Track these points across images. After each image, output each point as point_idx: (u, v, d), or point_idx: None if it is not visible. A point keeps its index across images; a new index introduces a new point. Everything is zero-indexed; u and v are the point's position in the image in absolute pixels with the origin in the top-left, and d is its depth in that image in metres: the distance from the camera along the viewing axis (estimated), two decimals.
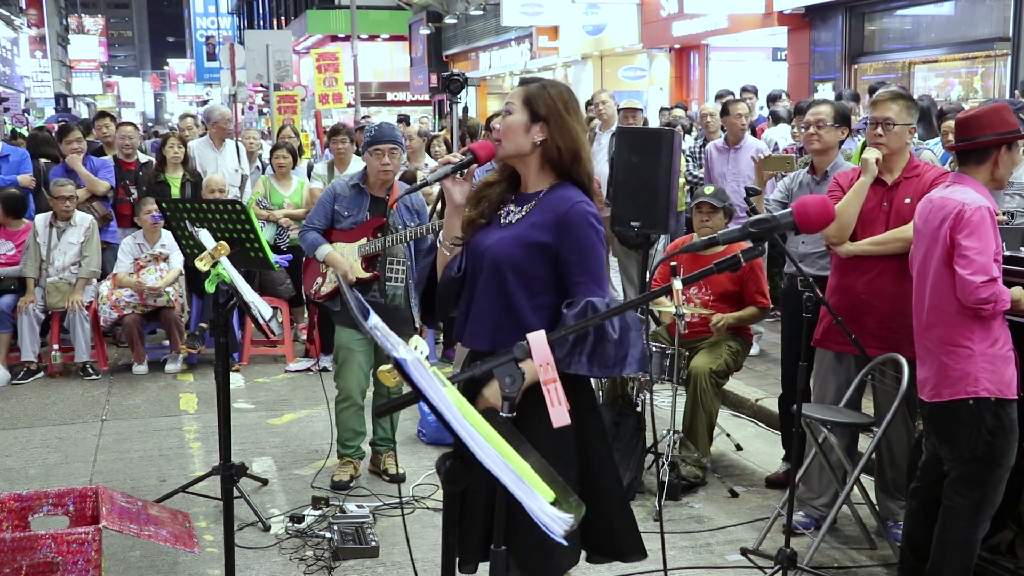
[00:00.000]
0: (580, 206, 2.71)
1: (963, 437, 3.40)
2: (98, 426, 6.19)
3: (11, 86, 35.53)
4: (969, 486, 3.42)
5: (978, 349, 3.34)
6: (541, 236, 2.71)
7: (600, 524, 2.75)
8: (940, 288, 3.40)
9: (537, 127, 2.73)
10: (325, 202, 5.03)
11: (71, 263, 7.42)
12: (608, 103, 8.66)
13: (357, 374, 4.96)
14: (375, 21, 32.18)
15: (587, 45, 21.94)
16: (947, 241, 3.34)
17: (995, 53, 11.93)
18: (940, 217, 3.39)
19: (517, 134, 2.76)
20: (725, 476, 5.17)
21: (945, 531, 3.47)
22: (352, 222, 4.97)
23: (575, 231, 2.69)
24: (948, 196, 3.42)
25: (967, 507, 3.42)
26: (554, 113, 2.73)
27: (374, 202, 4.98)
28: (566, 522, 1.56)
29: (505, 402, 1.90)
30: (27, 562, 3.34)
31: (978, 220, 3.28)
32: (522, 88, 2.80)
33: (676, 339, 4.87)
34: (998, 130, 3.39)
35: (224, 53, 19.06)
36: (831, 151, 4.64)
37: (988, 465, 3.39)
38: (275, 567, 4.16)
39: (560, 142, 2.73)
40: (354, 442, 5.09)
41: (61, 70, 53.50)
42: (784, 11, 14.90)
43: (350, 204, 4.97)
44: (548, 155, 2.75)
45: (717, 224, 5.34)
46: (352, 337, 4.94)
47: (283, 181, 7.91)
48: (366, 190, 4.98)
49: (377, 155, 4.83)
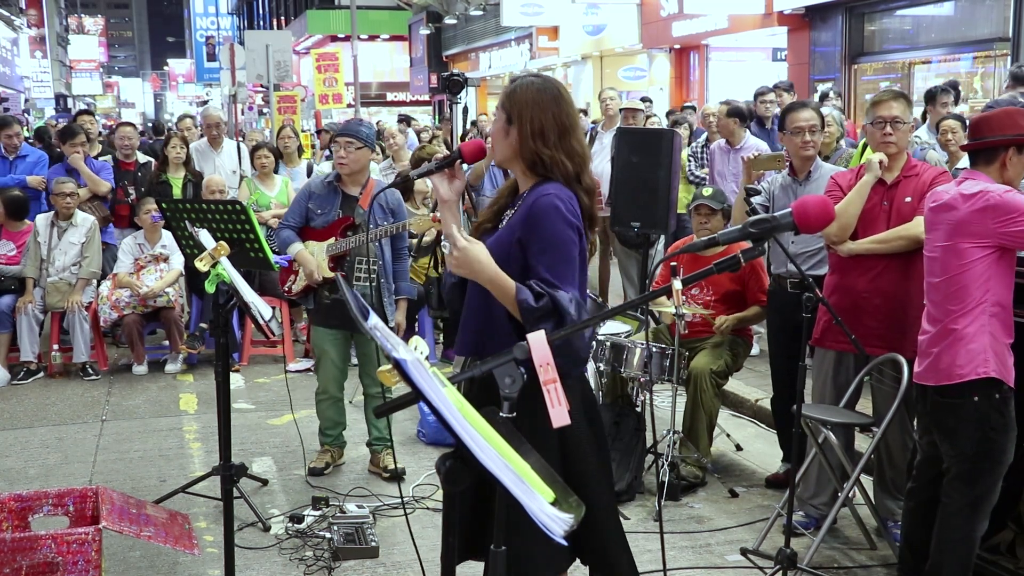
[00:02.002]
0: (549, 198, 2.61)
1: (965, 433, 3.40)
2: (98, 426, 6.19)
3: (11, 86, 35.53)
4: (968, 483, 3.43)
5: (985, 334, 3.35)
6: (514, 233, 2.65)
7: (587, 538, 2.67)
8: (951, 277, 3.39)
9: (514, 129, 2.67)
10: (300, 200, 5.12)
11: (71, 263, 7.42)
12: (616, 100, 8.63)
13: (332, 370, 5.11)
14: (375, 21, 32.18)
15: (587, 45, 21.94)
16: (983, 231, 3.32)
17: (995, 53, 11.93)
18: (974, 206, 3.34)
19: (499, 139, 2.72)
20: (725, 476, 5.17)
21: (944, 530, 3.47)
22: (324, 220, 5.03)
23: (540, 221, 2.60)
24: (963, 191, 3.41)
25: (966, 505, 3.43)
26: (525, 112, 2.65)
27: (346, 200, 5.02)
28: (566, 522, 1.56)
29: (505, 402, 1.90)
30: (27, 562, 3.34)
31: (1008, 197, 3.29)
32: (504, 90, 2.77)
33: (676, 339, 4.86)
34: (1007, 132, 3.42)
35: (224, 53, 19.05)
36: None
37: (988, 461, 3.40)
38: (275, 567, 4.16)
39: (530, 142, 2.65)
40: (333, 431, 5.25)
41: (61, 70, 53.50)
42: (784, 11, 14.90)
43: (323, 202, 5.03)
44: (524, 155, 2.68)
45: (716, 226, 5.34)
46: (324, 336, 5.08)
47: (267, 182, 7.92)
48: (339, 188, 5.03)
49: (335, 147, 5.02)
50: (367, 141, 4.94)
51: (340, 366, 5.12)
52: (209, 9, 57.47)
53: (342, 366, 5.14)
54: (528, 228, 2.62)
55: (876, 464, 4.38)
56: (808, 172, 4.66)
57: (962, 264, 3.36)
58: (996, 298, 3.36)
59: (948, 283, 3.41)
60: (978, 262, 3.33)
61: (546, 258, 2.58)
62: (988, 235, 3.31)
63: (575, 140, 2.72)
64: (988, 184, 3.37)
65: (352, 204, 5.00)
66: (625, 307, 2.92)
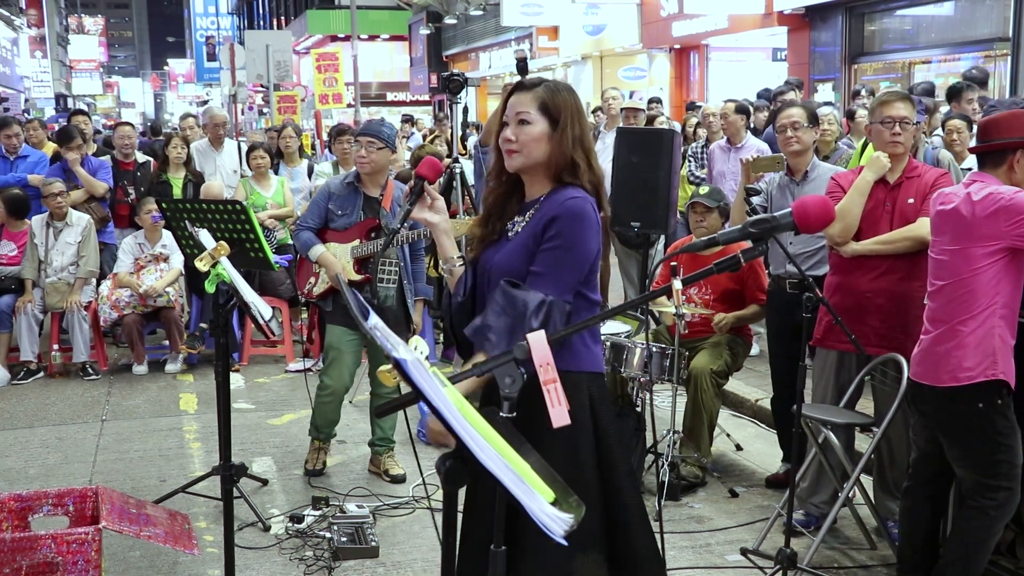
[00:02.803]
0: (577, 200, 2.55)
1: (976, 444, 3.42)
2: (98, 426, 6.19)
3: (11, 86, 35.52)
4: (989, 490, 3.42)
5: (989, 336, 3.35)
6: (535, 239, 2.57)
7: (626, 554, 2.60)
8: (958, 280, 3.40)
9: (558, 134, 2.59)
10: (319, 201, 5.07)
11: (69, 263, 7.42)
12: (618, 100, 8.63)
13: (344, 374, 5.06)
14: (375, 21, 32.19)
15: (587, 45, 21.94)
16: (994, 233, 3.31)
17: (995, 53, 11.93)
18: (985, 209, 3.33)
19: (539, 143, 2.59)
20: (725, 476, 5.17)
21: (963, 532, 3.48)
22: (346, 222, 5.00)
23: (568, 220, 2.53)
24: (972, 194, 3.40)
25: (994, 507, 3.42)
26: (567, 117, 2.59)
27: (367, 202, 5.00)
28: (566, 522, 1.56)
29: (505, 402, 1.90)
30: (27, 562, 3.34)
31: (1018, 199, 3.28)
32: (531, 93, 2.62)
33: (676, 339, 4.86)
34: (1015, 134, 3.42)
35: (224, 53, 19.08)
36: (808, 152, 4.73)
37: (1005, 466, 3.40)
38: (275, 567, 4.16)
39: (571, 148, 2.59)
40: (327, 429, 5.25)
41: (61, 70, 53.48)
42: (784, 11, 14.90)
43: (344, 203, 5.00)
44: (560, 161, 2.60)
45: (712, 223, 5.34)
46: (342, 338, 5.02)
47: (263, 182, 7.92)
48: (360, 189, 5.00)
49: (355, 147, 5.01)
50: (388, 141, 4.91)
51: (352, 369, 5.08)
52: (209, 9, 57.49)
53: (353, 369, 5.10)
54: (552, 224, 2.54)
55: (877, 464, 4.38)
56: (805, 172, 4.67)
57: (973, 268, 3.35)
58: (1005, 300, 3.36)
59: (956, 286, 3.40)
60: (989, 267, 3.32)
61: (552, 256, 2.53)
62: (999, 237, 3.30)
63: (592, 148, 2.69)
64: (997, 187, 3.37)
65: (374, 206, 4.97)
66: (625, 307, 2.92)
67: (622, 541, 2.62)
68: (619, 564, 2.63)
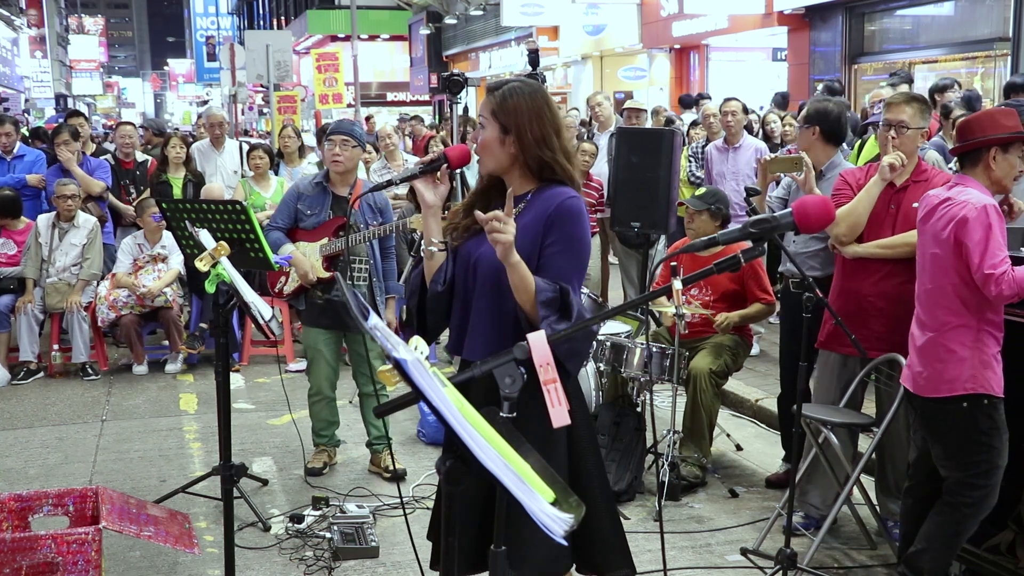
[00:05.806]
0: (574, 201, 2.64)
1: (956, 441, 3.44)
2: (98, 426, 6.19)
3: (11, 86, 35.53)
4: (967, 488, 3.46)
5: (972, 349, 3.37)
6: (534, 236, 2.62)
7: (585, 535, 2.64)
8: (939, 286, 3.42)
9: (510, 138, 2.64)
10: (288, 201, 5.11)
11: (72, 264, 7.42)
12: (604, 105, 8.68)
13: (325, 370, 5.10)
14: (375, 21, 32.21)
15: (587, 45, 21.95)
16: (953, 243, 3.35)
17: (995, 53, 11.93)
18: (946, 221, 3.40)
19: (494, 149, 2.67)
20: (725, 476, 5.17)
21: (938, 525, 3.50)
22: (315, 221, 5.03)
23: (569, 222, 2.61)
24: (952, 196, 3.43)
25: (968, 504, 3.45)
26: (523, 121, 2.62)
27: (336, 200, 5.02)
28: (566, 522, 1.56)
29: (505, 402, 1.90)
30: (27, 562, 3.34)
31: (979, 218, 3.30)
32: (489, 98, 2.68)
33: (676, 339, 4.86)
34: (988, 132, 3.43)
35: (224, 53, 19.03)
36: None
37: (984, 465, 3.42)
38: (275, 567, 4.16)
39: (535, 149, 2.63)
40: (327, 431, 5.26)
41: (61, 70, 53.49)
42: (784, 11, 14.91)
43: (313, 203, 5.03)
44: (528, 162, 2.66)
45: (700, 225, 5.30)
46: (317, 337, 5.07)
47: (262, 182, 7.92)
48: (329, 188, 5.02)
49: (329, 145, 4.95)
50: (360, 140, 4.98)
51: (333, 366, 5.13)
52: (209, 9, 57.53)
53: (335, 366, 5.15)
54: (550, 227, 2.61)
55: (877, 464, 4.38)
56: (821, 170, 4.60)
57: (948, 275, 3.39)
58: (985, 309, 3.37)
59: (937, 292, 3.44)
60: (965, 272, 3.34)
61: (562, 258, 2.61)
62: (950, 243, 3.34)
63: (566, 140, 2.74)
64: (978, 194, 3.38)
65: (343, 204, 5.00)
66: (625, 307, 2.92)
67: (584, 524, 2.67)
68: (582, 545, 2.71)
